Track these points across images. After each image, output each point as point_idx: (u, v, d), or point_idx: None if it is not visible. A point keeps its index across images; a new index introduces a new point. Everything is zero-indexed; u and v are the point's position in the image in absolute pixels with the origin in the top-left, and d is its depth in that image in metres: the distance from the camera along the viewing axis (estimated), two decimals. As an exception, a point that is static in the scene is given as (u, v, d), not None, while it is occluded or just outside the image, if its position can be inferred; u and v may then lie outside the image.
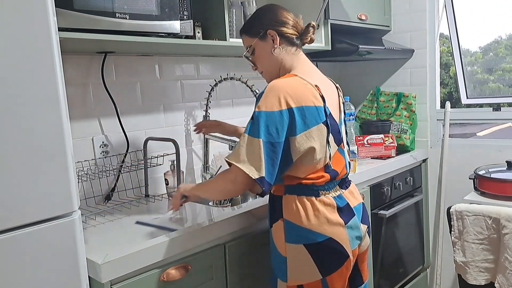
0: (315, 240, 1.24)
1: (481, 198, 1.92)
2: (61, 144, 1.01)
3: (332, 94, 1.35)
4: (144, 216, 1.51)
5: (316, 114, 1.22)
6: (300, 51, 1.37)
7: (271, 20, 1.33)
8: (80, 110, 1.62)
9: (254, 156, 1.18)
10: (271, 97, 1.19)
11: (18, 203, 0.96)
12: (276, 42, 1.32)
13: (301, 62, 1.35)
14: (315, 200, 1.26)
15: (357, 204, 1.36)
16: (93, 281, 1.14)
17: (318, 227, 1.24)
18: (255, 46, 1.36)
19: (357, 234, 1.31)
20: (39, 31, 0.96)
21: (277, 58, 1.34)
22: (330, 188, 1.29)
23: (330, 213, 1.26)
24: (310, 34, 1.37)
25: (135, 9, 1.38)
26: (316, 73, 1.35)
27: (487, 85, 2.49)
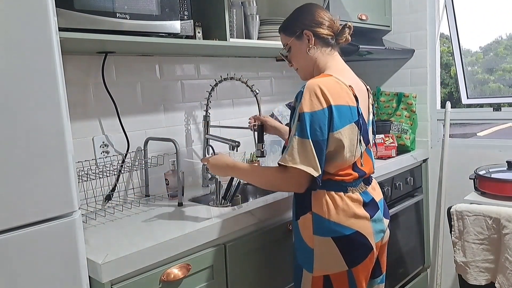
0: (343, 233, 1.30)
1: (481, 198, 1.92)
2: (61, 144, 1.01)
3: (363, 95, 1.39)
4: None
5: (349, 113, 1.28)
6: (335, 51, 1.41)
7: (308, 20, 1.37)
8: (81, 110, 1.63)
9: (308, 156, 1.23)
10: (312, 96, 1.24)
11: (18, 203, 0.96)
12: (311, 42, 1.37)
13: (335, 62, 1.39)
14: (344, 195, 1.32)
15: (379, 199, 1.42)
16: (94, 281, 1.14)
17: (346, 221, 1.30)
18: (291, 44, 1.41)
19: (381, 227, 1.37)
20: (40, 31, 0.96)
21: (312, 57, 1.38)
22: (357, 185, 1.35)
23: (357, 207, 1.32)
24: (345, 35, 1.40)
25: (136, 9, 1.38)
26: (349, 73, 1.39)
27: (487, 85, 2.49)
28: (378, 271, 1.46)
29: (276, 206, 1.58)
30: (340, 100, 1.26)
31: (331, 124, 1.25)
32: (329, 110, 1.24)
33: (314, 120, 1.23)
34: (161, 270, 1.24)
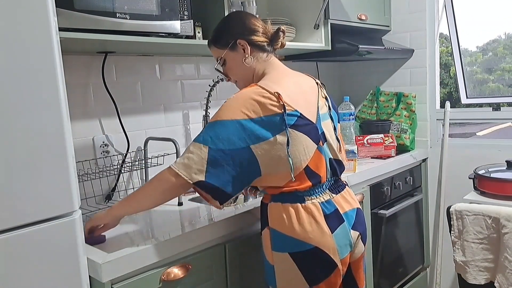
0: (300, 248, 1.22)
1: (480, 198, 1.92)
2: (61, 144, 1.01)
3: (305, 94, 1.30)
4: (144, 215, 1.51)
5: (277, 121, 1.19)
6: (272, 56, 1.35)
7: (240, 29, 1.31)
8: (81, 110, 1.63)
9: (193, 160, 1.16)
10: (230, 107, 1.20)
11: (18, 203, 0.96)
12: (247, 52, 1.31)
13: (273, 68, 1.33)
14: (300, 207, 1.23)
15: (350, 209, 1.31)
16: (94, 281, 1.14)
17: (303, 235, 1.22)
18: (225, 57, 1.34)
19: (346, 242, 1.27)
20: (40, 31, 0.96)
21: (249, 67, 1.32)
22: (318, 193, 1.26)
23: (315, 220, 1.23)
24: (280, 39, 1.34)
25: (136, 9, 1.38)
26: (288, 76, 1.31)
27: (486, 85, 2.49)
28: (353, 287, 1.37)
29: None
30: (265, 111, 1.18)
31: (252, 137, 1.17)
32: (247, 123, 1.17)
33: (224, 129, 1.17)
34: (161, 270, 1.24)
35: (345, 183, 1.38)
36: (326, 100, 1.37)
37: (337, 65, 2.80)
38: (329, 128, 1.33)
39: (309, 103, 1.29)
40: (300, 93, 1.28)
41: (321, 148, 1.27)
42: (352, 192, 1.39)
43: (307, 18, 2.15)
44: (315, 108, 1.31)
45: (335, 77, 2.78)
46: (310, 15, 2.13)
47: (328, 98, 1.39)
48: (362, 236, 1.34)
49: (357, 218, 1.32)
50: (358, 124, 2.57)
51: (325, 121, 1.32)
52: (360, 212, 1.36)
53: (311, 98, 1.31)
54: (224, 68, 1.38)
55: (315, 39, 2.14)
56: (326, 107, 1.35)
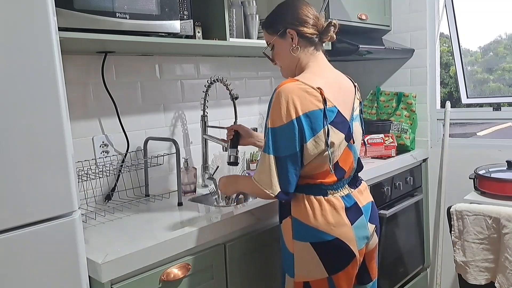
0: (322, 239, 1.26)
1: (481, 198, 1.92)
2: (61, 144, 1.01)
3: (344, 92, 1.35)
4: (149, 213, 1.51)
5: (321, 117, 1.23)
6: (318, 49, 1.37)
7: (291, 18, 1.32)
8: (80, 110, 1.62)
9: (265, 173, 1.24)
10: (278, 109, 1.22)
11: (18, 203, 0.96)
12: (294, 42, 1.32)
13: (316, 62, 1.35)
14: (323, 199, 1.28)
15: (366, 203, 1.37)
16: (94, 281, 1.14)
17: (325, 226, 1.26)
18: (274, 42, 1.37)
19: (364, 233, 1.33)
20: (39, 31, 0.96)
21: (295, 57, 1.34)
22: (339, 187, 1.31)
23: (337, 213, 1.28)
24: (330, 33, 1.35)
25: (135, 9, 1.38)
26: (328, 72, 1.35)
27: (487, 84, 2.49)
28: (367, 278, 1.43)
29: (276, 205, 1.58)
30: (310, 106, 1.22)
31: (303, 135, 1.22)
32: (297, 121, 1.21)
33: (282, 135, 1.22)
34: (161, 270, 1.24)
35: (361, 179, 1.44)
36: (360, 103, 1.42)
37: (337, 64, 2.77)
38: (358, 129, 1.37)
39: (346, 101, 1.34)
40: (339, 90, 1.32)
41: (351, 146, 1.32)
42: (367, 186, 1.44)
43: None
44: (351, 107, 1.35)
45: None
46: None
47: (361, 102, 1.43)
48: (376, 228, 1.41)
49: (372, 211, 1.39)
50: (358, 124, 2.57)
51: (356, 122, 1.37)
52: (374, 206, 1.42)
53: (348, 97, 1.36)
54: (272, 52, 1.41)
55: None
56: (358, 109, 1.40)
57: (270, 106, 1.24)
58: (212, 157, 2.01)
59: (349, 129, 1.32)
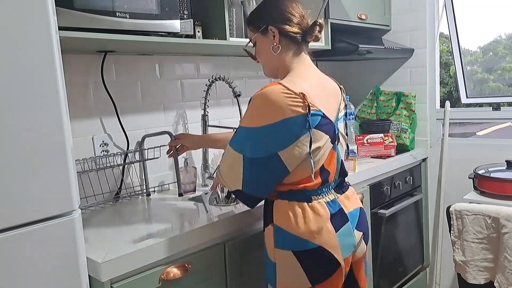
0: (304, 247, 1.21)
1: (480, 198, 1.92)
2: (61, 143, 1.01)
3: (328, 94, 1.30)
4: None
5: (303, 123, 1.17)
6: (302, 49, 1.30)
7: (275, 15, 1.27)
8: (80, 109, 1.63)
9: (233, 169, 1.22)
10: (257, 111, 1.18)
11: (18, 202, 0.96)
12: (276, 40, 1.27)
13: (300, 64, 1.29)
14: (307, 206, 1.22)
15: (353, 209, 1.31)
16: (93, 280, 1.14)
17: (308, 234, 1.20)
18: (256, 39, 1.32)
19: (350, 241, 1.26)
20: (39, 30, 0.96)
21: (276, 56, 1.29)
22: (324, 193, 1.25)
23: (320, 220, 1.22)
24: (315, 33, 1.29)
25: (135, 8, 1.38)
26: (312, 75, 1.29)
27: (486, 84, 2.49)
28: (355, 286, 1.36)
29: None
30: (290, 112, 1.15)
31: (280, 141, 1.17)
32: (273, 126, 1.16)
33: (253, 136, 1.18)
34: (160, 269, 1.24)
35: (348, 184, 1.38)
36: (345, 106, 1.38)
37: (337, 64, 2.80)
38: (341, 131, 1.34)
39: (331, 103, 1.29)
40: (324, 92, 1.27)
41: (336, 147, 1.27)
42: (355, 192, 1.39)
43: (307, 18, 2.15)
44: (336, 108, 1.31)
45: (335, 76, 2.75)
46: (310, 15, 2.13)
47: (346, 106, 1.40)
48: (364, 236, 1.34)
49: (360, 218, 1.32)
50: (358, 124, 2.57)
51: (340, 124, 1.33)
52: (363, 212, 1.36)
53: (333, 99, 1.31)
54: (254, 50, 1.35)
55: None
56: (342, 111, 1.36)
57: (249, 107, 1.20)
58: (212, 157, 2.01)
59: (334, 130, 1.26)
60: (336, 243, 1.22)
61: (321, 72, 1.35)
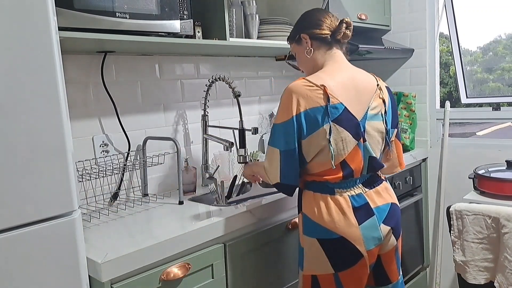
0: (328, 236, 1.30)
1: (480, 198, 1.92)
2: (61, 144, 1.01)
3: (358, 90, 1.34)
4: (144, 215, 1.52)
5: (322, 113, 1.26)
6: (335, 48, 1.40)
7: (305, 24, 1.41)
8: (80, 110, 1.63)
9: (272, 164, 1.32)
10: (282, 107, 1.30)
11: (18, 202, 0.96)
12: (308, 44, 1.39)
13: (333, 60, 1.38)
14: (329, 198, 1.31)
15: (382, 204, 1.36)
16: (93, 280, 1.14)
17: (330, 224, 1.29)
18: (294, 50, 1.46)
19: (374, 234, 1.32)
20: (39, 30, 0.96)
21: (311, 59, 1.40)
22: (349, 186, 1.32)
23: (343, 212, 1.29)
24: (342, 30, 1.38)
25: (135, 9, 1.38)
26: (342, 71, 1.36)
27: (486, 84, 2.49)
28: (385, 280, 1.43)
29: (275, 205, 1.58)
30: (311, 103, 1.26)
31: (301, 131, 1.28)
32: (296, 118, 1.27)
33: (284, 131, 1.29)
34: (161, 269, 1.24)
35: (383, 179, 1.43)
36: (384, 102, 1.39)
37: (337, 64, 2.80)
38: (376, 128, 1.36)
39: (359, 99, 1.34)
40: (352, 88, 1.33)
41: (360, 144, 1.32)
42: (389, 187, 1.44)
43: (307, 18, 2.15)
44: (365, 106, 1.35)
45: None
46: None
47: (386, 101, 1.40)
48: (394, 230, 1.39)
49: (390, 213, 1.37)
50: (358, 124, 2.57)
51: (373, 121, 1.35)
52: (395, 207, 1.41)
53: (363, 95, 1.35)
54: (296, 60, 1.49)
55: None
56: (381, 108, 1.38)
57: (279, 104, 1.32)
58: (212, 157, 2.01)
59: (358, 127, 1.31)
60: (358, 235, 1.29)
61: (356, 68, 1.41)
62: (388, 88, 1.45)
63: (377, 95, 1.38)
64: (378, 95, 1.38)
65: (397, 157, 1.49)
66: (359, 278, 1.33)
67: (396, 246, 1.43)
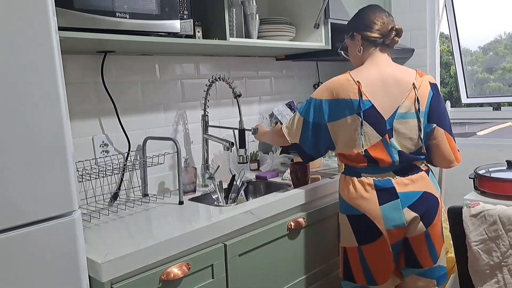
0: (352, 212, 1.49)
1: (481, 198, 1.91)
2: (61, 144, 1.01)
3: (389, 89, 1.46)
4: (144, 215, 1.51)
5: (351, 105, 1.44)
6: (380, 49, 1.53)
7: (359, 24, 1.55)
8: (80, 110, 1.62)
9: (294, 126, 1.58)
10: (323, 89, 1.52)
11: (18, 203, 0.96)
12: (359, 43, 1.54)
13: (371, 60, 1.52)
14: (356, 180, 1.50)
15: (411, 191, 1.47)
16: (94, 281, 1.14)
17: (354, 200, 1.48)
18: (347, 44, 1.62)
19: (395, 216, 1.44)
20: (39, 30, 0.96)
21: (359, 56, 1.55)
22: (376, 172, 1.48)
23: (365, 191, 1.47)
24: (392, 37, 1.52)
25: (135, 9, 1.38)
26: (376, 70, 1.49)
27: (487, 84, 2.49)
28: (414, 262, 1.53)
29: (276, 205, 1.58)
30: (343, 95, 1.45)
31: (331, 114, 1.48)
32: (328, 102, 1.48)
33: (313, 105, 1.51)
34: (161, 269, 1.24)
35: (423, 169, 1.53)
36: (417, 101, 1.46)
37: (337, 64, 2.79)
38: (408, 127, 1.47)
39: (388, 98, 1.46)
40: (382, 87, 1.47)
41: (385, 141, 1.45)
42: (427, 177, 1.52)
43: (307, 18, 2.15)
44: (394, 104, 1.46)
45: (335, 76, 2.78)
46: (310, 15, 2.13)
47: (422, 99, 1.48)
48: (423, 217, 1.48)
49: (419, 200, 1.47)
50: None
51: (403, 120, 1.46)
52: (427, 196, 1.50)
53: (393, 94, 1.47)
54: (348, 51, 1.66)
55: (315, 38, 2.14)
56: (414, 107, 1.47)
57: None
58: (212, 157, 2.01)
59: (384, 124, 1.44)
60: (379, 214, 1.45)
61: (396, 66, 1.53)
62: (432, 84, 1.52)
63: (411, 94, 1.46)
64: (412, 93, 1.46)
65: (452, 152, 1.55)
66: (381, 255, 1.48)
67: (427, 233, 1.50)
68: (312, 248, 1.73)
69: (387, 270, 1.51)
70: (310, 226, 1.71)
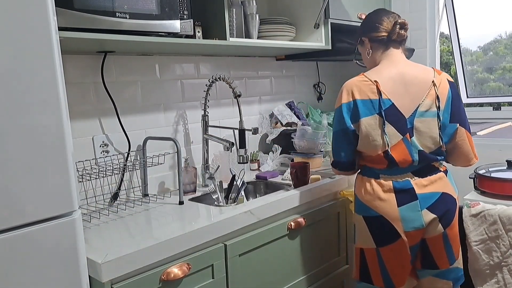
0: (369, 214, 1.48)
1: (481, 198, 1.91)
2: (61, 144, 1.01)
3: (408, 87, 1.44)
4: (144, 215, 1.51)
5: (370, 106, 1.42)
6: (391, 47, 1.52)
7: (365, 28, 1.57)
8: (80, 110, 1.62)
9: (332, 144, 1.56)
10: (339, 95, 1.49)
11: (18, 203, 0.96)
12: (368, 46, 1.56)
13: (387, 59, 1.51)
14: (374, 181, 1.48)
15: (429, 192, 1.45)
16: (94, 281, 1.14)
17: (371, 202, 1.47)
18: (359, 50, 1.64)
19: (414, 217, 1.43)
20: (39, 30, 0.96)
21: (371, 58, 1.56)
22: (394, 173, 1.46)
23: (382, 192, 1.45)
24: (396, 31, 1.50)
25: (135, 9, 1.38)
26: (394, 68, 1.47)
27: (487, 84, 2.49)
28: (430, 263, 1.51)
29: (276, 205, 1.58)
30: (361, 95, 1.43)
31: (354, 116, 1.44)
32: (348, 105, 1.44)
33: (337, 114, 1.48)
34: (161, 269, 1.24)
35: (441, 170, 1.51)
36: (438, 99, 1.45)
37: (337, 64, 2.79)
38: (428, 124, 1.45)
39: (409, 96, 1.45)
40: (401, 85, 1.45)
41: (406, 140, 1.44)
42: (446, 179, 1.51)
43: (307, 18, 2.15)
44: (414, 103, 1.45)
45: (335, 76, 2.78)
46: (310, 15, 2.13)
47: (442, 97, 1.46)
48: (442, 219, 1.46)
49: (438, 201, 1.46)
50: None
51: (423, 118, 1.44)
52: (446, 197, 1.48)
53: (414, 92, 1.45)
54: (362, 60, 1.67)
55: (315, 38, 2.14)
56: (434, 105, 1.45)
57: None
58: (212, 157, 2.01)
59: (405, 123, 1.42)
60: (397, 215, 1.43)
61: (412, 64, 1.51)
62: (450, 83, 1.51)
63: (431, 92, 1.45)
64: (432, 91, 1.45)
65: (471, 150, 1.55)
66: (399, 257, 1.46)
67: (445, 234, 1.48)
68: (312, 248, 1.73)
69: (405, 272, 1.50)
70: (310, 226, 1.71)
